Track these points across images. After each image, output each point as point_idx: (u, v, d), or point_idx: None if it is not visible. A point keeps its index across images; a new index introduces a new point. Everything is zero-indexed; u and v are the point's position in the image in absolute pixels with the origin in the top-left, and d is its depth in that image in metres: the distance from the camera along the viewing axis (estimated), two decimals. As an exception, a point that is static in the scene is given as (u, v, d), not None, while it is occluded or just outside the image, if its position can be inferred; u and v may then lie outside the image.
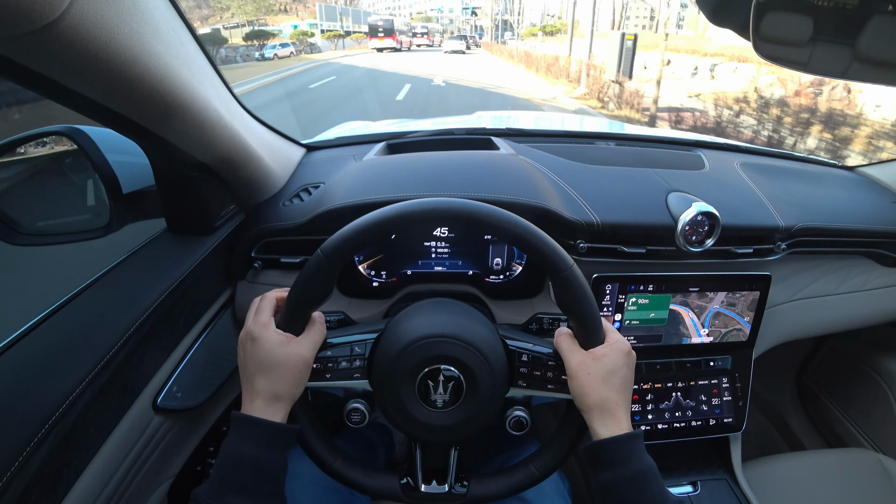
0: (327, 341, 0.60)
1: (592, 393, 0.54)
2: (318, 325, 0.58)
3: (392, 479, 0.63)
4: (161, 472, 0.73)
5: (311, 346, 0.56)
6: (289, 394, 0.53)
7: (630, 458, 0.51)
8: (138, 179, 0.74)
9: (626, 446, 0.51)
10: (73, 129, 0.70)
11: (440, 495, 0.62)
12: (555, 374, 0.59)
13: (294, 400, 0.55)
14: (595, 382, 0.54)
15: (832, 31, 0.56)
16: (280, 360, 0.53)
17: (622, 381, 0.55)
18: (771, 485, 1.04)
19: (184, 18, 0.56)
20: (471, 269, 0.91)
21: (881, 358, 1.25)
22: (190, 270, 0.72)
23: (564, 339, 0.58)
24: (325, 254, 0.54)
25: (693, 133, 1.43)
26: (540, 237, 0.54)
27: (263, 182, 0.86)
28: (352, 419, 0.63)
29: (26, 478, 0.47)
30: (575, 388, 0.55)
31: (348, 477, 0.61)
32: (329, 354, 0.59)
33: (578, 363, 0.55)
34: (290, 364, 0.53)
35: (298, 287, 0.55)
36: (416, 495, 0.62)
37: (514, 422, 0.63)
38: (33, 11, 0.33)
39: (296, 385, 0.54)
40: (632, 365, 0.57)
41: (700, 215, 0.84)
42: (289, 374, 0.53)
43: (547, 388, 0.59)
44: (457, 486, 0.63)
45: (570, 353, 0.56)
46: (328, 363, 0.59)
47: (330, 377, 0.59)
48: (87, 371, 0.54)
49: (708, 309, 0.94)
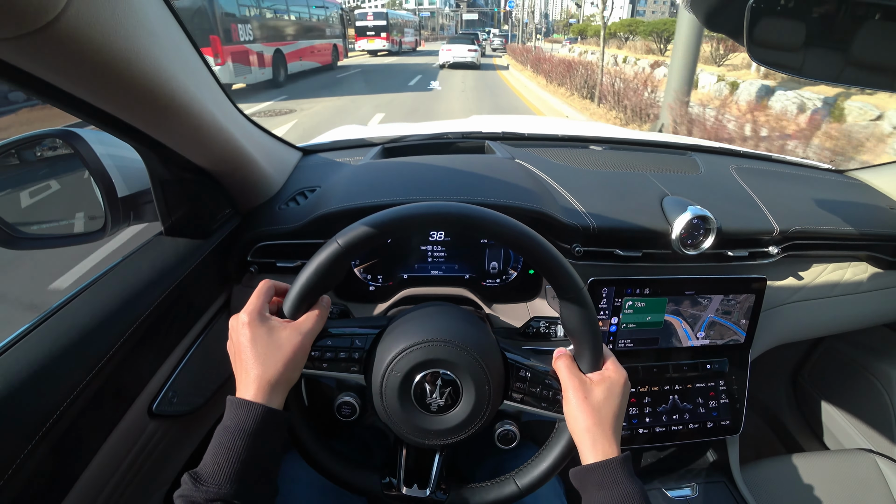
0: (328, 330, 0.59)
1: (586, 418, 0.54)
2: (320, 312, 0.56)
3: (374, 477, 0.62)
4: (157, 479, 0.73)
5: (310, 333, 0.54)
6: (284, 379, 0.52)
7: (619, 482, 0.51)
8: (134, 183, 0.73)
9: (615, 470, 0.52)
10: (68, 132, 0.70)
11: (420, 500, 0.62)
12: (550, 393, 0.59)
13: (290, 385, 0.53)
14: (590, 408, 0.54)
15: (825, 36, 0.56)
16: (275, 346, 0.51)
17: (616, 409, 0.55)
18: (768, 486, 1.05)
19: (179, 21, 0.56)
20: (467, 273, 0.91)
21: (876, 360, 1.25)
22: (186, 274, 0.71)
23: (564, 360, 0.58)
24: (341, 243, 0.53)
25: (688, 137, 1.44)
26: (554, 255, 0.54)
27: (259, 185, 0.85)
28: (342, 412, 0.62)
29: (19, 485, 0.47)
30: (569, 410, 0.56)
31: (331, 469, 0.61)
32: (329, 344, 0.59)
33: (576, 387, 0.55)
34: (287, 349, 0.52)
35: (308, 272, 0.54)
36: (395, 496, 0.62)
37: (502, 435, 0.63)
38: (29, 13, 0.33)
39: (292, 370, 0.52)
40: (627, 395, 0.57)
41: (695, 219, 0.84)
42: (285, 359, 0.51)
43: (541, 405, 0.60)
44: (438, 492, 0.62)
45: (568, 376, 0.56)
46: (327, 352, 0.58)
47: (327, 367, 0.59)
48: (81, 376, 0.54)
49: (702, 318, 0.94)
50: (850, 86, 0.60)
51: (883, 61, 0.54)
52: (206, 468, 0.46)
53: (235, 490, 0.45)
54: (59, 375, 0.52)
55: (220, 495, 0.44)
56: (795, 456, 1.12)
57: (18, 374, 0.49)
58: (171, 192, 0.72)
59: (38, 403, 0.50)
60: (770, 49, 0.59)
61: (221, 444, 0.47)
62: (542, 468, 0.60)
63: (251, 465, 0.47)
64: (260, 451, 0.48)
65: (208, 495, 0.44)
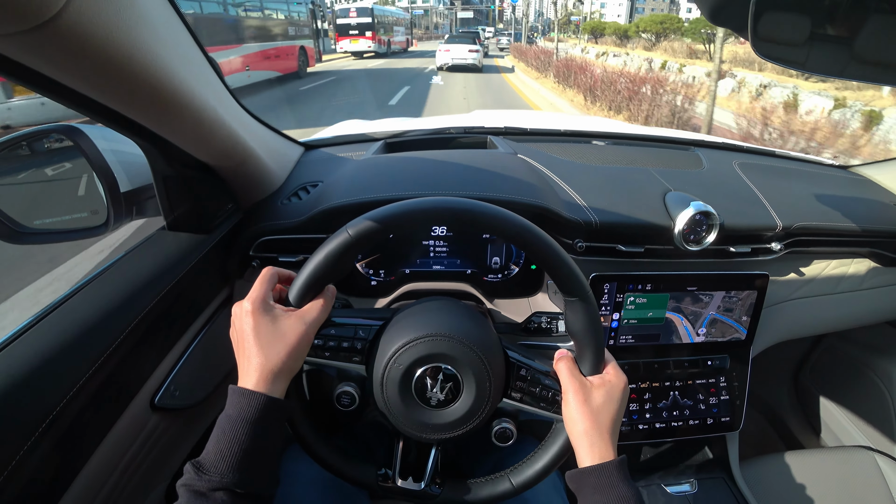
0: (332, 320, 0.59)
1: (584, 421, 0.54)
2: (325, 302, 0.56)
3: (369, 468, 0.63)
4: (159, 472, 0.73)
5: (314, 322, 0.54)
6: (287, 368, 0.51)
7: (615, 486, 0.51)
8: (136, 178, 0.74)
9: (612, 473, 0.52)
10: (70, 127, 0.70)
11: (414, 492, 0.62)
12: (549, 393, 0.59)
13: (293, 374, 0.53)
14: (589, 411, 0.54)
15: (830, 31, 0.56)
16: (278, 334, 0.51)
17: (615, 414, 0.56)
18: (767, 483, 1.05)
19: (181, 16, 0.56)
20: (469, 268, 0.91)
21: (878, 357, 1.25)
22: (188, 269, 0.72)
23: (565, 362, 0.58)
24: (352, 233, 0.53)
25: (691, 132, 1.43)
26: (563, 258, 0.54)
27: (261, 180, 0.85)
28: (342, 402, 0.62)
29: (23, 479, 0.47)
30: (568, 412, 0.56)
31: (328, 460, 0.61)
32: (332, 333, 0.59)
33: (576, 390, 0.56)
34: (290, 338, 0.51)
35: (316, 260, 0.54)
36: (390, 488, 0.63)
37: (499, 433, 0.63)
38: (31, 8, 0.33)
39: (295, 360, 0.52)
40: (626, 399, 0.58)
41: (698, 214, 0.84)
42: (288, 348, 0.51)
43: (539, 405, 0.60)
44: (433, 486, 0.63)
45: (568, 378, 0.57)
46: (329, 341, 0.58)
47: (329, 356, 0.59)
48: (84, 370, 0.54)
49: (704, 315, 0.94)
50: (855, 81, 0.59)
51: (888, 57, 0.54)
52: (208, 457, 0.46)
53: (238, 479, 0.45)
54: (62, 369, 0.53)
55: (222, 484, 0.44)
56: (795, 453, 1.12)
57: (21, 369, 0.50)
58: (173, 188, 0.73)
59: (41, 397, 0.50)
60: (774, 44, 0.58)
61: (223, 433, 0.47)
62: (537, 467, 0.61)
63: (253, 454, 0.47)
64: (262, 440, 0.48)
65: (211, 484, 0.44)
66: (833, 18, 0.56)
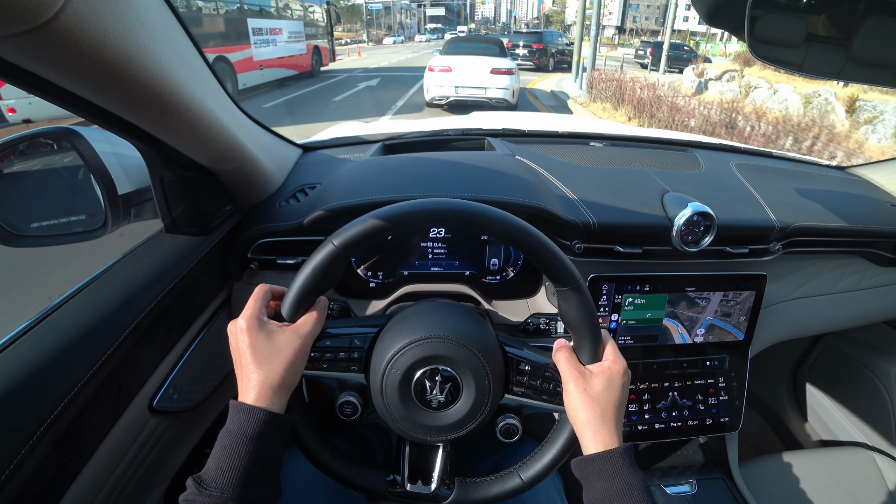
0: (326, 331, 0.59)
1: (587, 409, 0.54)
2: (318, 314, 0.56)
3: (378, 475, 0.63)
4: (158, 475, 0.73)
5: (309, 335, 0.55)
6: (286, 383, 0.52)
7: (620, 473, 0.51)
8: (134, 180, 0.74)
9: (616, 461, 0.52)
10: (68, 129, 0.70)
11: (424, 495, 0.62)
12: (550, 385, 0.59)
13: (292, 389, 0.54)
14: (590, 399, 0.54)
15: (826, 33, 0.56)
16: (275, 350, 0.52)
17: (617, 400, 0.56)
18: (767, 483, 1.05)
19: (179, 18, 0.56)
20: (467, 270, 0.91)
21: (876, 357, 1.26)
22: (186, 271, 0.71)
23: (563, 352, 0.58)
24: (336, 243, 0.53)
25: (689, 133, 1.44)
26: (549, 248, 0.54)
27: (260, 183, 0.85)
28: (344, 412, 0.62)
29: (21, 481, 0.47)
30: (570, 402, 0.56)
31: (334, 469, 0.61)
32: (328, 344, 0.59)
33: (576, 379, 0.56)
34: (287, 353, 0.52)
35: (304, 274, 0.54)
36: (400, 493, 0.62)
37: (504, 429, 0.63)
38: (28, 11, 0.33)
39: (293, 374, 0.53)
40: (627, 385, 0.58)
41: (696, 215, 0.84)
42: (285, 363, 0.51)
43: (542, 398, 0.60)
44: (442, 488, 0.63)
45: (567, 368, 0.57)
46: (326, 353, 0.59)
47: (327, 367, 0.59)
48: (82, 373, 0.54)
49: (701, 321, 0.94)
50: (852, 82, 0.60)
51: (885, 58, 0.54)
52: (209, 472, 0.46)
53: (239, 495, 0.45)
54: (61, 371, 0.53)
55: (223, 499, 0.44)
56: (794, 453, 1.12)
57: (21, 371, 0.50)
58: (171, 190, 0.72)
59: (40, 399, 0.50)
60: (771, 45, 0.59)
61: (224, 449, 0.47)
62: (545, 461, 0.61)
63: (254, 469, 0.47)
64: (263, 455, 0.48)
65: (212, 500, 0.44)
66: (830, 20, 0.56)
